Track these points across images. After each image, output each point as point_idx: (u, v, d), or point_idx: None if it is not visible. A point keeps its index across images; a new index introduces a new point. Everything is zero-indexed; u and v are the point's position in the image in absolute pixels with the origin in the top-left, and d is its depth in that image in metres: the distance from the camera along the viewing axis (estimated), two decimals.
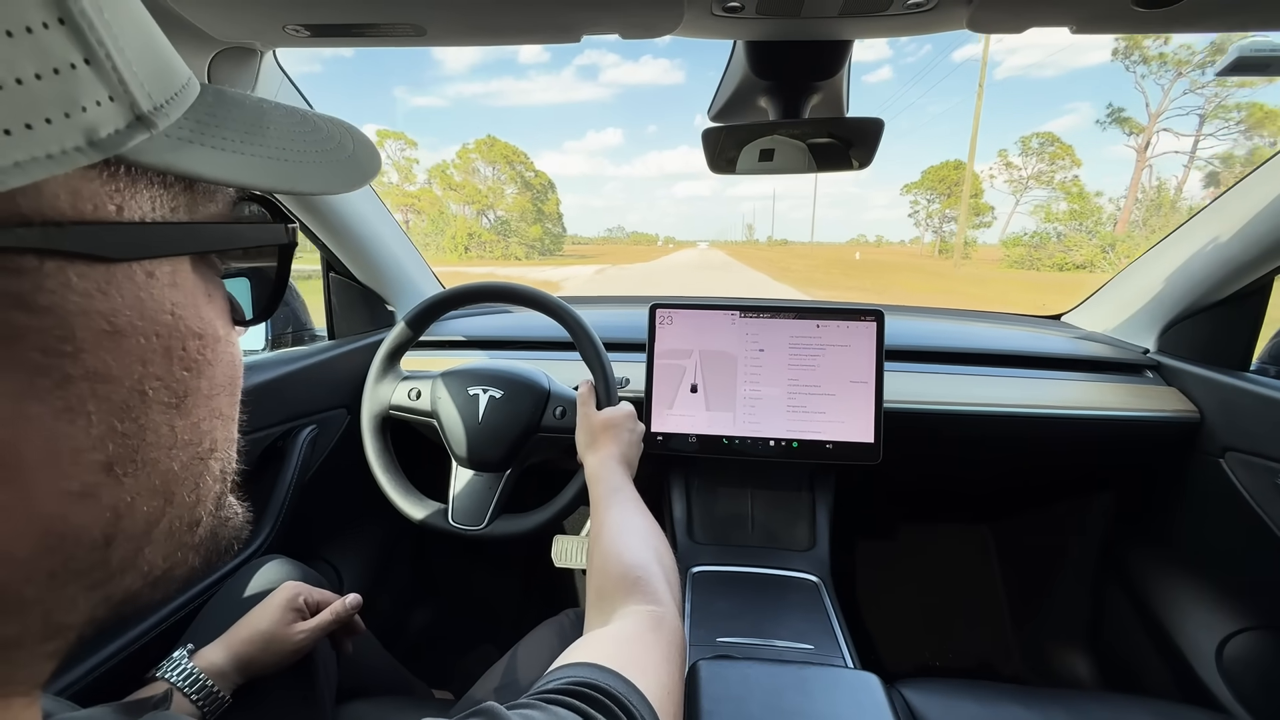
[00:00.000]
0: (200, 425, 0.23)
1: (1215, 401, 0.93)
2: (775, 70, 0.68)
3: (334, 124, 0.28)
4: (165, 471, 0.22)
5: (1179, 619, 0.99)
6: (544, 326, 1.13)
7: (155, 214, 0.20)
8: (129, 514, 0.21)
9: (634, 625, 0.44)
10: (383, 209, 1.07)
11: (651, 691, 0.36)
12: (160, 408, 0.21)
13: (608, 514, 0.61)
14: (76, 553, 0.19)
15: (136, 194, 0.20)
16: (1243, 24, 0.53)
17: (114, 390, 0.19)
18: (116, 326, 0.19)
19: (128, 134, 0.18)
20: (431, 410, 0.89)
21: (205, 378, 0.23)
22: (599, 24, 0.58)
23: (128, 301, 0.19)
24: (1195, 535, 1.00)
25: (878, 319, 0.93)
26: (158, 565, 0.23)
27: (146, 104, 0.18)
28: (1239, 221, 0.87)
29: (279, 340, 1.08)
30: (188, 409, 0.23)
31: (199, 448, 0.24)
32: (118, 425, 0.20)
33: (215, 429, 0.25)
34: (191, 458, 0.23)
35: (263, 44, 0.66)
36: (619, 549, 0.54)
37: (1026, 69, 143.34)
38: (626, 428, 0.78)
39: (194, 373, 0.23)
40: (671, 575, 0.52)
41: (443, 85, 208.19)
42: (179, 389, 0.22)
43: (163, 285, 0.21)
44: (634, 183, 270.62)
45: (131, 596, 0.22)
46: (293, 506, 0.91)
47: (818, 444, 0.92)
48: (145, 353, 0.20)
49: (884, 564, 1.47)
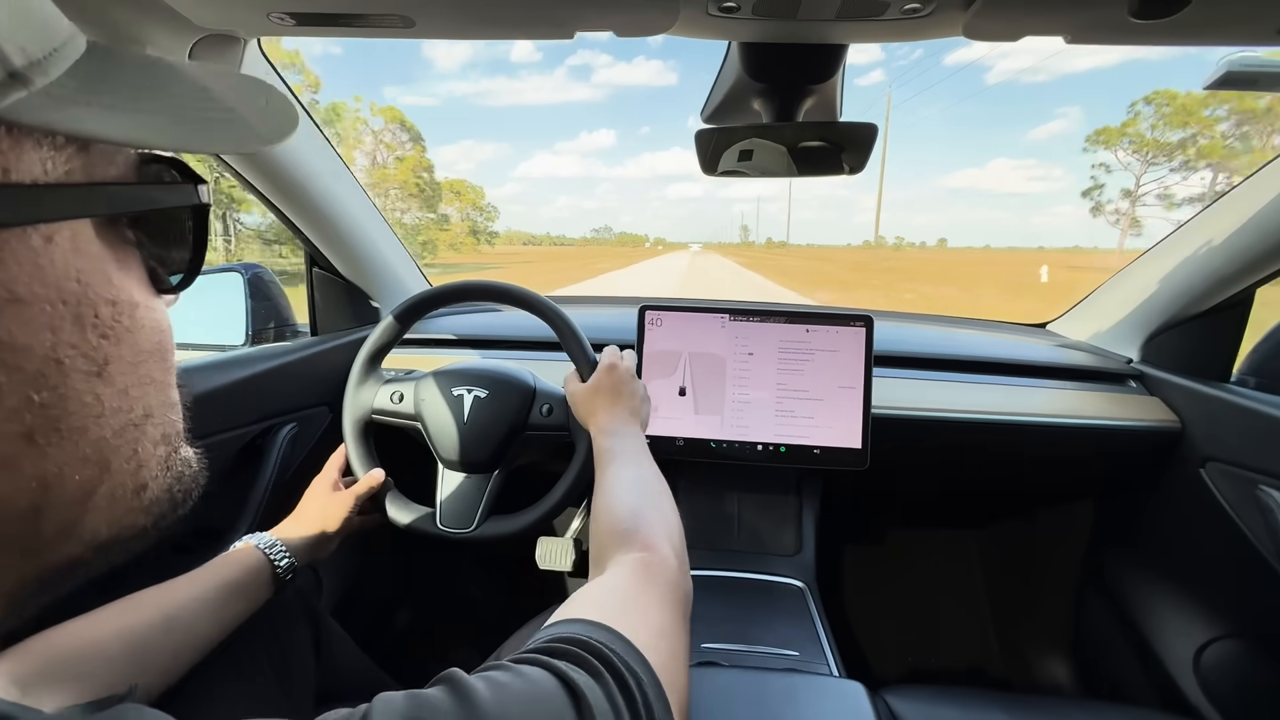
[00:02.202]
0: (129, 392, 0.23)
1: (1197, 412, 0.94)
2: (769, 73, 0.68)
3: (247, 83, 0.27)
4: (96, 440, 0.22)
5: (1158, 626, 1.00)
6: (532, 326, 1.11)
7: (47, 177, 0.20)
8: (58, 484, 0.21)
9: (621, 574, 0.43)
10: (368, 202, 1.05)
11: (641, 639, 0.34)
12: (80, 376, 0.21)
13: (602, 477, 0.59)
14: (1, 521, 0.19)
15: (22, 155, 0.19)
16: (1236, 38, 0.53)
17: (24, 360, 0.19)
18: (16, 295, 0.19)
19: (0, 91, 0.17)
20: (415, 413, 0.87)
21: (127, 345, 0.23)
22: (593, 20, 0.57)
23: (26, 269, 0.19)
24: (1175, 544, 1.01)
25: (867, 324, 0.92)
26: (101, 532, 0.23)
27: (19, 59, 0.17)
28: (1223, 234, 0.88)
29: (260, 336, 1.06)
30: (111, 376, 0.22)
31: (130, 414, 0.23)
32: (34, 395, 0.19)
33: (147, 395, 0.24)
34: (124, 425, 0.23)
35: (245, 32, 0.64)
36: (608, 504, 0.52)
37: (1018, 74, 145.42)
38: (613, 382, 0.74)
39: (112, 340, 0.22)
40: (666, 520, 0.51)
41: (433, 84, 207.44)
42: (98, 356, 0.22)
43: (64, 251, 0.20)
44: (627, 184, 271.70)
45: (75, 562, 0.22)
46: (270, 506, 0.89)
47: (805, 449, 0.92)
48: (53, 320, 0.20)
49: (869, 569, 1.47)
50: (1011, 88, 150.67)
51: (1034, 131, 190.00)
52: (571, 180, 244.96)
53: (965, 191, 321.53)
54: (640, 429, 0.69)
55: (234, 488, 0.88)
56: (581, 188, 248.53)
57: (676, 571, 0.45)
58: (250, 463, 0.90)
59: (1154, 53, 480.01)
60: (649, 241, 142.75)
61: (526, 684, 0.28)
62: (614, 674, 0.30)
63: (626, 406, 0.71)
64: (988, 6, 0.50)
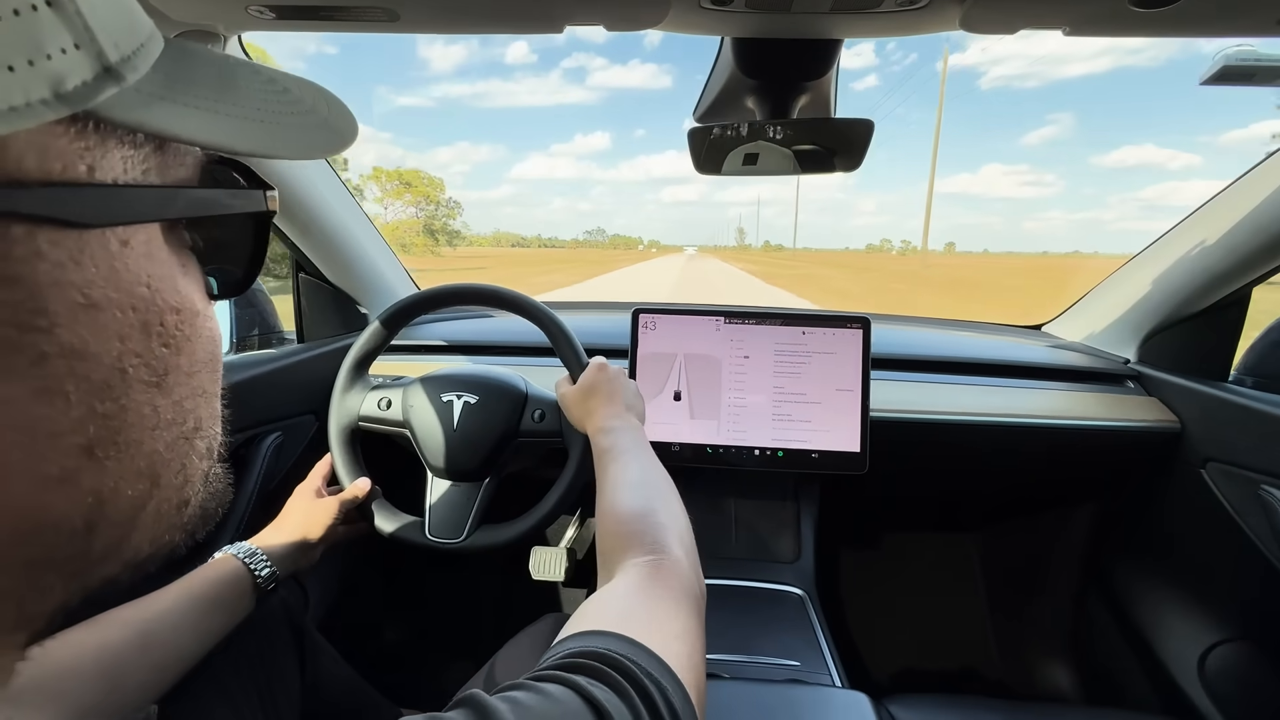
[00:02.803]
0: (183, 404, 0.22)
1: (1195, 412, 0.94)
2: (763, 69, 0.66)
3: (305, 85, 0.26)
4: (150, 453, 0.21)
5: (1161, 630, 0.99)
6: (523, 330, 1.09)
7: (127, 176, 0.19)
8: (112, 499, 0.20)
9: (632, 579, 0.41)
10: (355, 206, 1.03)
11: (659, 644, 0.33)
12: (141, 386, 0.20)
13: (604, 477, 0.57)
14: (56, 541, 0.18)
15: (107, 154, 0.18)
16: (1236, 29, 0.53)
17: (93, 368, 0.18)
18: (92, 300, 0.18)
19: (96, 86, 0.16)
20: (403, 420, 0.85)
21: (185, 354, 0.22)
22: (582, 15, 0.56)
23: (102, 273, 0.18)
24: (1177, 546, 1.00)
25: (864, 326, 0.91)
26: (144, 549, 0.22)
27: (114, 54, 0.16)
28: (1218, 232, 0.88)
29: (244, 343, 1.04)
30: (169, 387, 0.21)
31: (183, 427, 0.22)
32: (98, 406, 0.19)
33: (199, 407, 0.23)
34: (176, 438, 0.22)
35: (225, 27, 0.62)
36: (614, 506, 0.51)
37: (1010, 79, 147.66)
38: (606, 379, 0.72)
39: (173, 349, 0.21)
40: (675, 521, 0.49)
41: (428, 85, 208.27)
42: (159, 366, 0.21)
43: (138, 255, 0.20)
44: (621, 187, 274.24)
45: (109, 582, 0.21)
46: (254, 517, 0.86)
47: (803, 453, 0.90)
48: (123, 328, 0.19)
49: (869, 575, 1.45)
50: (1004, 93, 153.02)
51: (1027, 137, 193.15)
52: (566, 182, 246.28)
53: (957, 196, 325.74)
54: (639, 423, 0.67)
55: None
56: (576, 190, 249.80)
57: (689, 572, 0.43)
58: (234, 472, 0.87)
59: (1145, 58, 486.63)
60: (643, 244, 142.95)
61: (550, 703, 0.28)
62: (637, 687, 0.29)
63: (622, 402, 0.69)
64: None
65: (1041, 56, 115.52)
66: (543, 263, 47.60)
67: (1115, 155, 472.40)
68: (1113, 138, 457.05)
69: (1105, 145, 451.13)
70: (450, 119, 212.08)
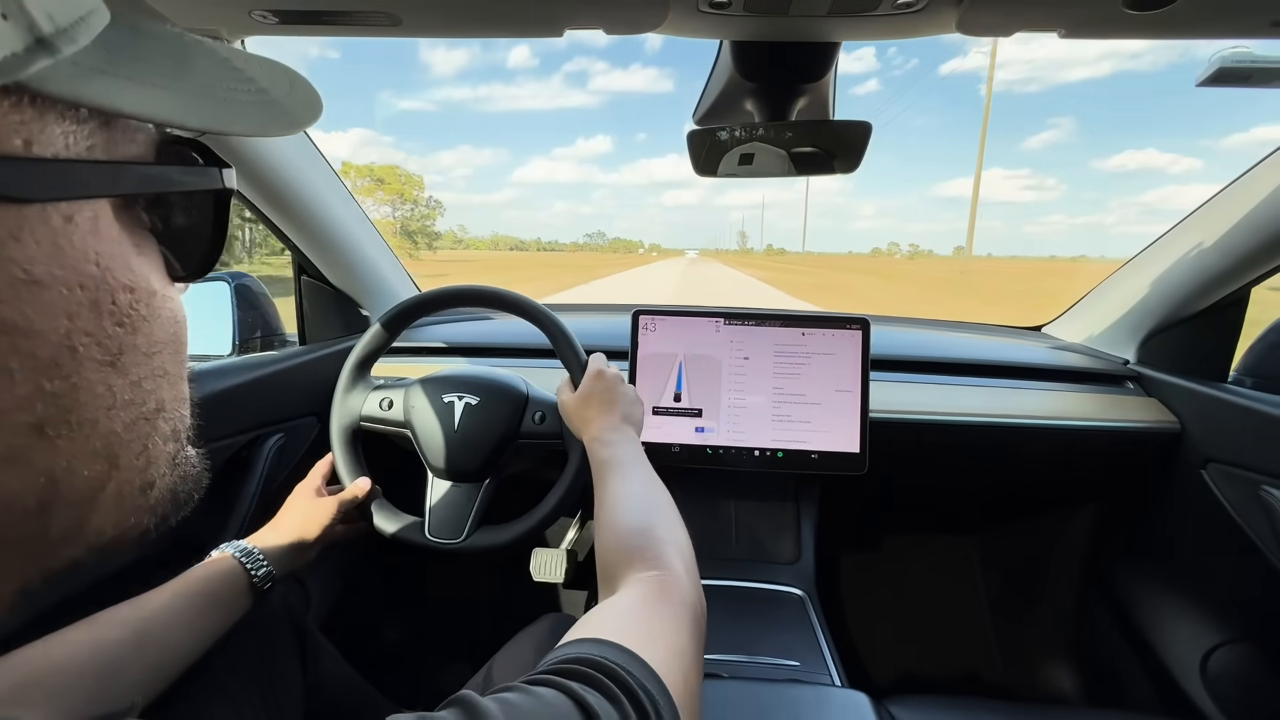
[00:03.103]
0: (142, 384, 0.22)
1: (1195, 412, 0.94)
2: (762, 72, 0.67)
3: (267, 65, 0.26)
4: (107, 433, 0.21)
5: (1163, 631, 0.99)
6: (524, 333, 1.10)
7: (69, 151, 0.19)
8: (67, 479, 0.20)
9: (636, 593, 0.41)
10: (357, 209, 1.04)
11: (658, 659, 0.33)
12: (94, 365, 0.20)
13: (603, 490, 0.57)
14: (8, 520, 0.18)
15: (46, 128, 0.18)
16: (1231, 31, 0.53)
17: (39, 345, 0.18)
18: (34, 276, 0.18)
19: (27, 58, 0.16)
20: (405, 420, 0.85)
21: (142, 334, 0.22)
22: (582, 18, 0.56)
23: (45, 249, 0.18)
24: (1178, 547, 1.00)
25: (863, 327, 0.92)
26: (106, 532, 0.22)
27: (47, 26, 0.16)
28: (1217, 233, 0.88)
29: (247, 345, 1.04)
30: (125, 367, 0.21)
31: (143, 408, 0.22)
32: (46, 384, 0.18)
33: (160, 388, 0.23)
34: (135, 418, 0.22)
35: (228, 31, 0.63)
36: (615, 520, 0.51)
37: (1011, 84, 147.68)
38: (603, 388, 0.72)
39: (128, 328, 0.21)
40: (675, 536, 0.49)
41: (430, 89, 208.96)
42: (112, 345, 0.21)
43: (83, 232, 0.19)
44: (623, 190, 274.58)
45: (73, 566, 0.21)
46: (256, 518, 0.87)
47: (803, 454, 0.91)
48: (70, 305, 0.19)
49: (868, 576, 1.45)
50: (1005, 98, 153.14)
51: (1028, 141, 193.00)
52: (568, 186, 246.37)
53: (958, 200, 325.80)
54: (636, 433, 0.67)
55: (219, 500, 0.86)
56: (578, 193, 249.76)
57: (689, 588, 0.43)
58: (236, 474, 0.88)
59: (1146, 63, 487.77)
60: (644, 247, 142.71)
61: (539, 704, 0.28)
62: (629, 695, 0.30)
63: (619, 412, 0.69)
64: (981, 0, 0.50)
65: (1043, 61, 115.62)
66: (530, 267, 45.60)
67: (1117, 159, 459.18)
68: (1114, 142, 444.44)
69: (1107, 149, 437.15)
70: (453, 123, 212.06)
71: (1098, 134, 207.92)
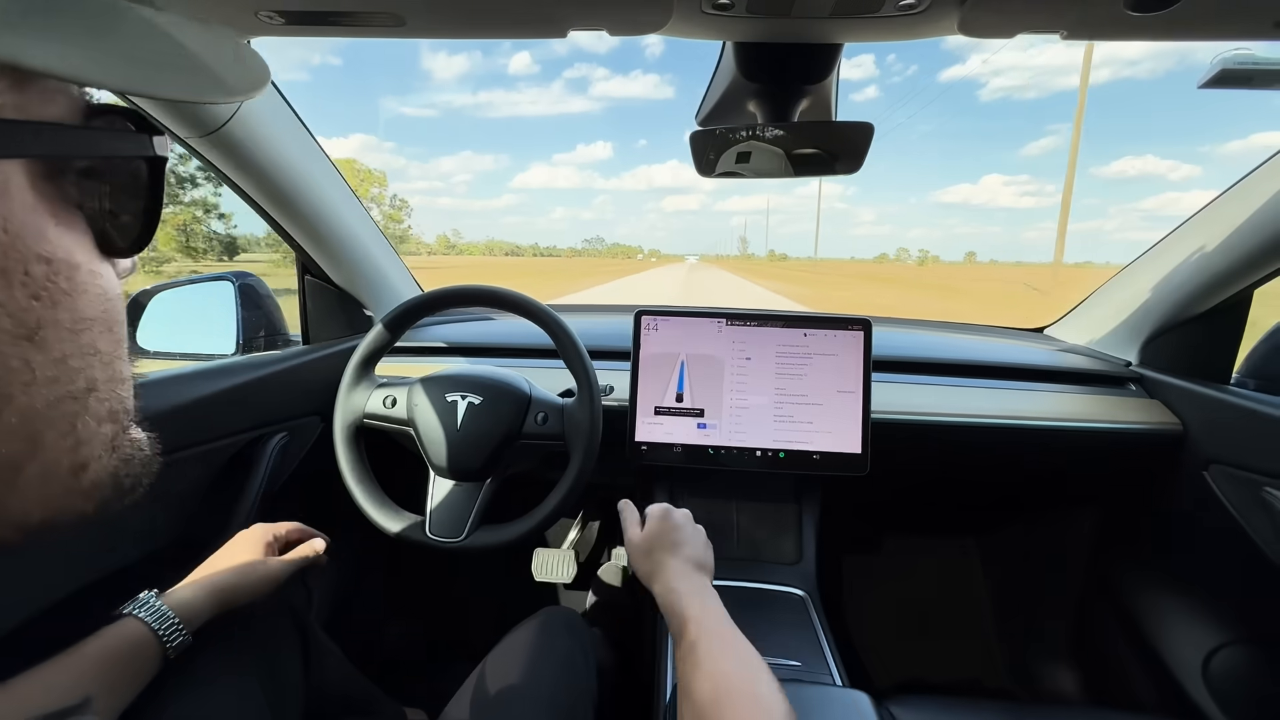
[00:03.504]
0: (68, 362, 0.21)
1: (1198, 414, 0.94)
2: (764, 73, 0.67)
3: (213, 33, 0.25)
4: (25, 410, 0.20)
5: (1164, 632, 0.98)
6: (527, 333, 1.10)
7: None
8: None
9: None
10: (360, 209, 1.04)
11: None
12: (7, 338, 0.19)
13: (690, 656, 0.51)
14: None
15: None
16: (1234, 33, 0.53)
17: None
18: None
19: None
20: (408, 418, 0.86)
21: (65, 309, 0.21)
22: (585, 19, 0.57)
23: None
24: (1180, 548, 1.00)
25: (865, 328, 0.92)
26: (32, 514, 0.21)
27: None
28: (1220, 235, 0.88)
29: (250, 345, 1.05)
30: (46, 342, 0.20)
31: (70, 386, 0.21)
32: None
33: (91, 367, 0.22)
34: (60, 396, 0.21)
35: (235, 31, 0.63)
36: (714, 696, 0.45)
37: (1010, 90, 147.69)
38: (670, 529, 0.67)
39: (46, 302, 0.20)
40: (779, 704, 0.45)
41: (431, 95, 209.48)
42: (28, 319, 0.20)
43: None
44: (623, 196, 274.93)
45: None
46: (259, 517, 0.87)
47: (805, 454, 0.91)
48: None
49: (870, 577, 1.45)
50: (1004, 104, 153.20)
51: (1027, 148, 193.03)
52: (568, 192, 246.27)
53: (957, 206, 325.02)
54: (708, 579, 0.62)
55: (223, 497, 0.86)
56: (579, 199, 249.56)
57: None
58: (239, 472, 0.88)
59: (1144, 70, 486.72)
60: (643, 253, 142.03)
61: None
62: None
63: (689, 555, 0.63)
64: (983, 1, 0.50)
65: (1042, 67, 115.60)
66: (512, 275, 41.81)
67: (1116, 166, 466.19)
68: (1113, 149, 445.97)
69: (1105, 156, 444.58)
70: (454, 128, 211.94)
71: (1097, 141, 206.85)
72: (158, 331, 0.97)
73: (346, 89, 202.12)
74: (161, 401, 0.74)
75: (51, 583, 0.65)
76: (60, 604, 0.65)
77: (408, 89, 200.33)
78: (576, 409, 0.84)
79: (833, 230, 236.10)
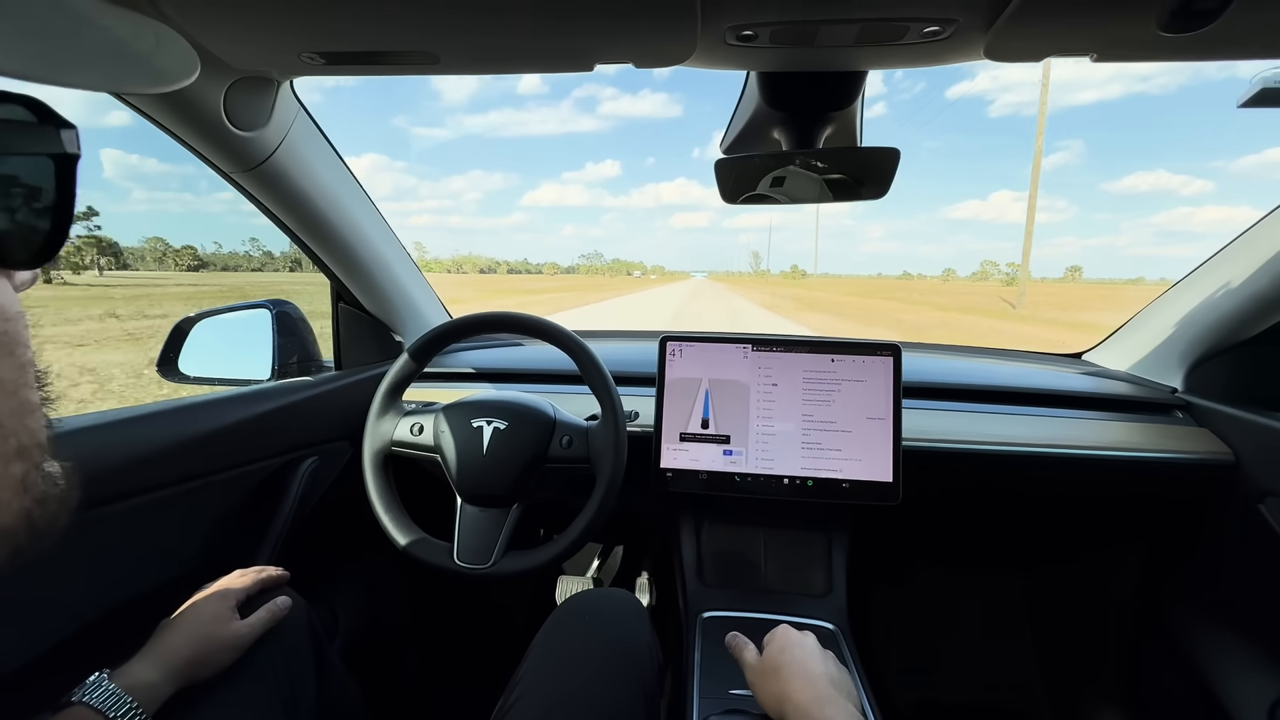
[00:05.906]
0: None
1: (1251, 443, 0.89)
2: (789, 101, 0.68)
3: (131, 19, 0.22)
4: None
5: (1225, 677, 0.92)
6: (552, 359, 1.11)
7: None
8: None
9: None
10: (393, 236, 1.07)
11: None
12: None
13: None
14: None
15: None
16: (1268, 52, 0.52)
17: None
18: None
19: None
20: (434, 445, 0.87)
21: None
22: (612, 53, 0.58)
23: None
24: (1237, 587, 0.94)
25: (894, 354, 0.90)
26: None
27: None
28: (1265, 256, 0.85)
29: (284, 370, 1.07)
30: None
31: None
32: None
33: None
34: None
35: (279, 73, 0.66)
36: None
37: (1019, 106, 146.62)
38: (795, 647, 0.60)
39: None
40: None
41: (442, 115, 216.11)
42: None
43: None
44: (632, 213, 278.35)
45: None
46: (289, 540, 0.88)
47: (834, 483, 0.89)
48: None
49: (905, 611, 1.40)
50: (1014, 120, 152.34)
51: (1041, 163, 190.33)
52: (577, 210, 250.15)
53: (968, 222, 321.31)
54: (855, 709, 0.53)
55: (254, 521, 0.88)
56: (587, 217, 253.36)
57: None
58: (271, 496, 0.90)
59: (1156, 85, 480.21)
60: (644, 269, 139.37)
61: None
62: None
63: (823, 676, 0.56)
64: (1010, 26, 0.50)
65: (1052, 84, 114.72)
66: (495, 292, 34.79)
67: (1127, 181, 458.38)
68: (1124, 164, 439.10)
69: (1116, 171, 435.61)
70: (464, 148, 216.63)
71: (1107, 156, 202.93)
72: (199, 357, 1.00)
73: (359, 109, 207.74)
74: (201, 426, 0.76)
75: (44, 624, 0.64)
76: None
77: (419, 110, 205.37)
78: (601, 431, 0.84)
79: (841, 248, 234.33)
